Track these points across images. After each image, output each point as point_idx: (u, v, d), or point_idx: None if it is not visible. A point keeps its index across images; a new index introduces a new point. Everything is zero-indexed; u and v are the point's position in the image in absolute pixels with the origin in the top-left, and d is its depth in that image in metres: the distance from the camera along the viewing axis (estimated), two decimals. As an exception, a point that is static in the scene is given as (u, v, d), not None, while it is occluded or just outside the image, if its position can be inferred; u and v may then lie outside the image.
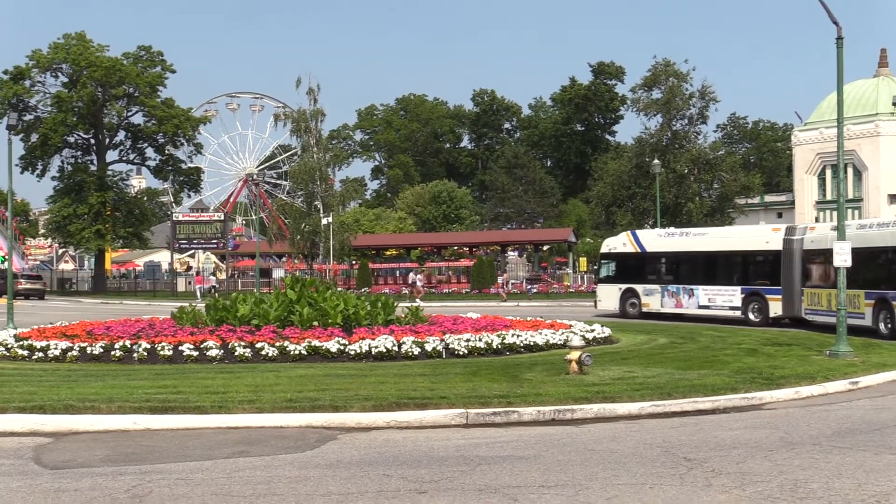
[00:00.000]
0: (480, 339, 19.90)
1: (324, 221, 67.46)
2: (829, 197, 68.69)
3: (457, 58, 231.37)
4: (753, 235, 35.09)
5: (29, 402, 13.40)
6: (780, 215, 74.83)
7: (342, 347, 18.78)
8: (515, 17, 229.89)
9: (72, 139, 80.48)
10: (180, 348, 18.79)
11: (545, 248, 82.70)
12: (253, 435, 12.09)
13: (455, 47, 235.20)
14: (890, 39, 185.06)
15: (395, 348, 18.88)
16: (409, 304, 27.46)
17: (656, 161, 55.60)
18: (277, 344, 18.84)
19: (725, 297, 33.56)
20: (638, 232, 40.65)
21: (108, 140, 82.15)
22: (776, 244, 32.74)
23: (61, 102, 75.75)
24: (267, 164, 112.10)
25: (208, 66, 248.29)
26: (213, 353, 18.53)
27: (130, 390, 14.42)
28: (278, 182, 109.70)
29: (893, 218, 32.09)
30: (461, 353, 19.24)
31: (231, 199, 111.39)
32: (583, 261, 77.75)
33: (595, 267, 51.12)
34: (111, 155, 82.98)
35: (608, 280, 38.52)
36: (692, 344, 23.01)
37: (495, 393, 14.13)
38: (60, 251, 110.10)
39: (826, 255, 27.01)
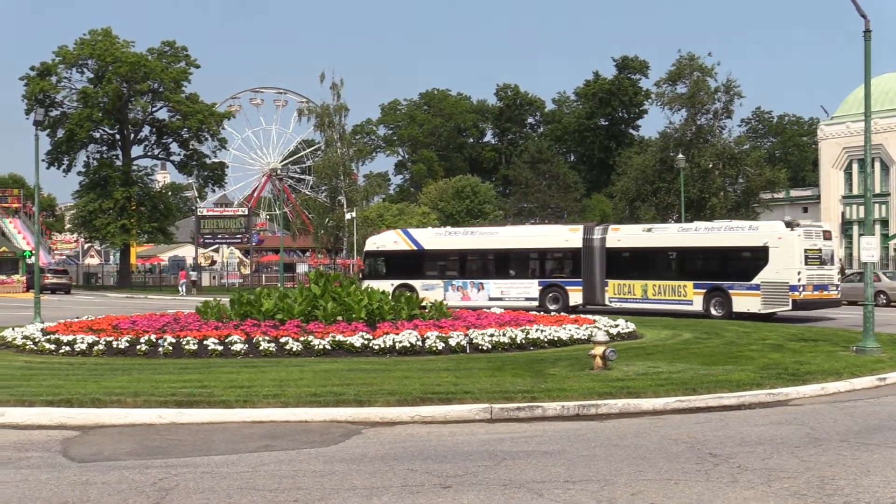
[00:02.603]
0: (504, 334, 19.87)
1: (347, 216, 67.67)
2: (855, 191, 68.31)
3: (480, 52, 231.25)
4: (552, 234, 40.36)
5: (56, 395, 13.50)
6: (805, 210, 74.43)
7: (366, 342, 18.80)
8: (539, 12, 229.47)
9: (97, 134, 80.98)
10: (205, 343, 18.85)
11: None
12: (278, 429, 12.12)
13: (478, 42, 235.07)
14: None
15: (419, 343, 18.88)
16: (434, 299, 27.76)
17: (680, 156, 55.40)
18: (302, 339, 18.86)
19: (520, 290, 37.36)
20: (411, 230, 43.59)
21: (133, 135, 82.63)
22: (576, 242, 37.92)
23: (87, 98, 76.22)
24: (291, 159, 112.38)
25: (232, 61, 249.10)
26: (237, 347, 18.58)
27: (156, 384, 14.49)
28: (302, 177, 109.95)
29: (724, 222, 38.85)
30: (485, 347, 19.22)
31: (255, 194, 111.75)
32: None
33: None
34: (136, 150, 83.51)
35: (377, 276, 39.55)
36: (717, 339, 22.91)
37: (519, 388, 14.11)
38: (86, 246, 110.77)
39: (641, 251, 36.46)
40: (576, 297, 37.37)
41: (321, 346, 18.55)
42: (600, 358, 16.08)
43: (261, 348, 18.55)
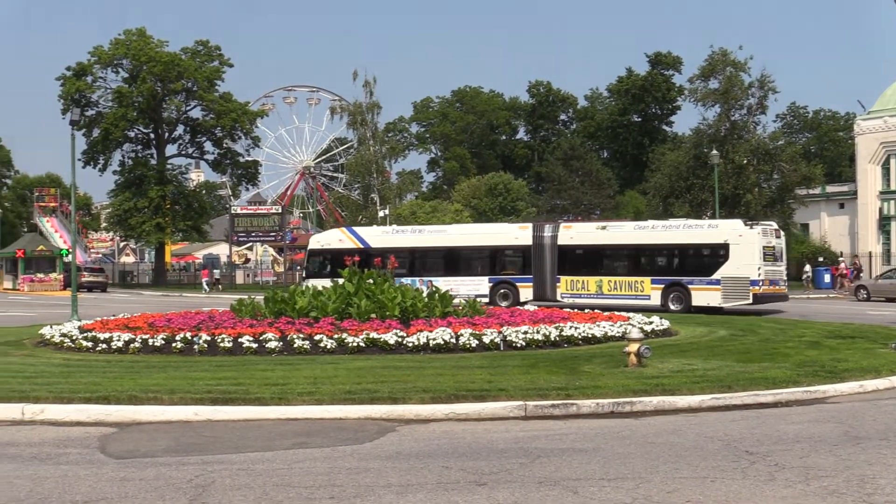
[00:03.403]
0: (538, 332, 19.83)
1: (380, 214, 67.73)
2: (893, 187, 67.52)
3: (512, 50, 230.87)
4: (501, 232, 41.40)
5: (94, 392, 13.62)
6: (841, 206, 73.65)
7: (400, 340, 18.82)
8: (571, 8, 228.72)
9: (132, 134, 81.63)
10: (240, 340, 18.94)
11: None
12: (312, 426, 12.16)
13: (510, 39, 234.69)
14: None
15: (453, 340, 18.87)
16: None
17: (714, 152, 55.05)
18: (336, 336, 18.91)
19: (470, 287, 37.14)
20: (356, 228, 43.97)
21: (167, 134, 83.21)
22: (525, 240, 38.76)
23: (122, 97, 76.85)
24: (323, 157, 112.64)
25: (265, 59, 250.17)
26: (272, 345, 18.65)
27: (192, 382, 14.58)
28: (335, 175, 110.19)
29: (682, 220, 41.10)
30: (519, 345, 19.19)
31: (288, 192, 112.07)
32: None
33: None
34: (170, 149, 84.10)
35: (322, 275, 39.14)
36: (752, 336, 22.75)
37: (554, 385, 14.06)
38: (122, 244, 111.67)
39: (595, 248, 37.86)
40: (526, 293, 38.16)
41: (355, 344, 18.59)
42: (635, 355, 16.01)
43: (295, 346, 18.61)
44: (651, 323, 23.11)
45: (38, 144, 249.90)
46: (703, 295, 34.81)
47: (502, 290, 38.26)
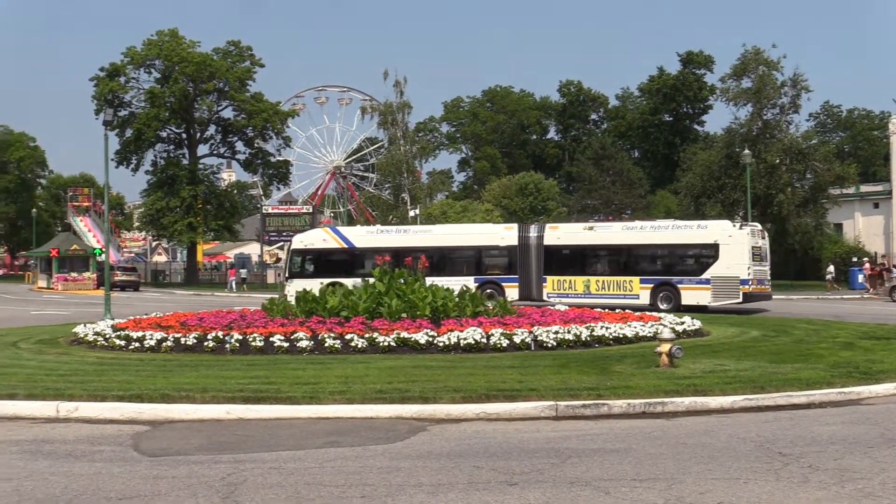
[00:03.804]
0: (569, 332, 19.78)
1: (411, 213, 67.80)
2: (929, 186, 66.88)
3: (543, 49, 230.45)
4: (487, 232, 41.52)
5: (127, 390, 13.72)
6: (876, 206, 73.05)
7: (431, 339, 18.83)
8: (602, 8, 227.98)
9: (164, 134, 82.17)
10: (271, 339, 19.02)
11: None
12: (343, 425, 12.18)
13: (541, 38, 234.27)
14: None
15: (484, 340, 18.86)
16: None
17: (746, 151, 54.72)
18: (367, 335, 18.95)
19: (456, 287, 36.15)
20: (340, 228, 43.78)
21: (199, 134, 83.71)
22: (511, 240, 38.99)
23: (154, 98, 77.36)
24: (354, 156, 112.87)
25: (296, 59, 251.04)
26: (303, 344, 18.72)
27: (224, 380, 14.65)
28: (365, 174, 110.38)
29: (670, 221, 41.85)
30: (550, 345, 19.15)
31: (319, 192, 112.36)
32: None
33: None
34: (202, 149, 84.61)
35: (305, 275, 39.11)
36: (785, 337, 22.58)
37: (585, 385, 14.01)
38: (154, 244, 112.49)
39: (583, 249, 38.37)
40: (512, 293, 38.02)
41: (386, 343, 18.62)
42: (666, 355, 15.93)
43: (326, 345, 18.66)
44: (682, 323, 22.98)
45: (72, 145, 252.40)
46: (693, 294, 35.65)
47: (488, 290, 38.00)
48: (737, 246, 35.51)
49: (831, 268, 58.34)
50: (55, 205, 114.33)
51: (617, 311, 27.10)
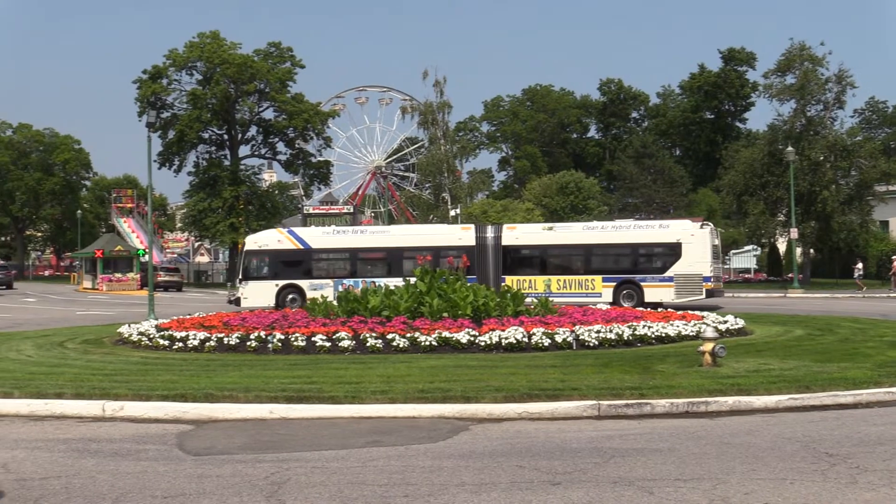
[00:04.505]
0: (611, 331, 19.71)
1: (452, 213, 67.83)
2: (976, 183, 65.84)
3: (583, 47, 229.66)
4: (444, 233, 41.38)
5: (171, 390, 13.84)
6: (921, 203, 71.99)
7: (472, 338, 18.83)
8: (642, 5, 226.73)
9: (206, 135, 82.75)
10: (313, 339, 19.12)
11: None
12: (386, 425, 12.21)
13: (581, 36, 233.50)
14: None
15: (525, 339, 18.84)
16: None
17: (790, 148, 54.20)
18: (408, 335, 18.99)
19: None
20: (295, 229, 42.92)
21: (240, 135, 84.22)
22: (469, 240, 38.92)
23: (196, 99, 77.94)
24: (395, 156, 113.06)
25: (336, 60, 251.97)
26: (345, 343, 18.80)
27: (266, 380, 14.74)
28: (406, 174, 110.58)
29: (631, 221, 43.62)
30: (591, 344, 19.10)
31: (360, 192, 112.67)
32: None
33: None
34: (243, 150, 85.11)
35: (260, 277, 38.54)
36: (830, 336, 22.31)
37: (627, 385, 13.95)
38: (196, 244, 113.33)
39: (543, 249, 38.80)
40: None
41: (427, 343, 18.65)
42: (709, 354, 15.82)
43: (368, 345, 18.73)
44: (725, 322, 22.82)
45: (116, 147, 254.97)
46: (656, 291, 36.67)
47: None
48: (699, 244, 36.90)
49: (860, 265, 56.51)
50: (99, 206, 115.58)
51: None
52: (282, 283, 38.17)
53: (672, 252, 37.23)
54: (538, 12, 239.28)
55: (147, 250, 43.95)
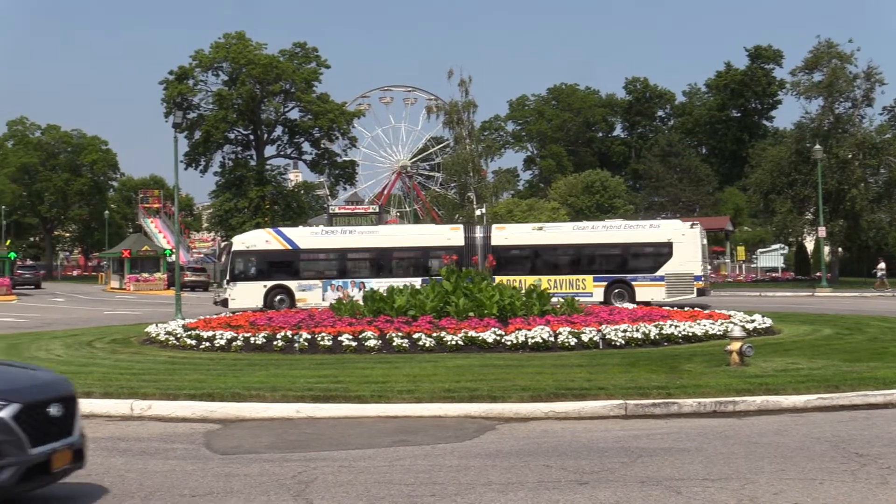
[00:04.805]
0: (637, 330, 19.63)
1: (477, 212, 67.74)
2: None
3: (609, 46, 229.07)
4: (433, 233, 41.47)
5: (199, 389, 13.89)
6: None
7: (498, 338, 18.80)
8: (668, 3, 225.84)
9: (232, 135, 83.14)
10: (339, 338, 19.13)
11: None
12: (412, 424, 12.21)
13: (607, 35, 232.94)
14: None
15: (552, 339, 18.79)
16: None
17: (818, 146, 53.83)
18: (434, 334, 18.97)
19: None
20: (284, 229, 42.37)
21: (266, 135, 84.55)
22: (458, 241, 38.48)
23: (222, 100, 78.32)
24: (420, 156, 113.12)
25: (361, 60, 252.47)
26: (371, 343, 18.80)
27: (293, 379, 14.77)
28: (431, 174, 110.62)
29: (621, 221, 43.96)
30: (618, 343, 19.03)
31: (385, 192, 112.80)
32: (740, 249, 75.95)
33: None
34: (269, 150, 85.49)
35: (247, 278, 38.02)
36: (860, 335, 22.12)
37: (654, 384, 13.89)
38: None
39: (533, 249, 38.75)
40: None
41: (453, 342, 18.63)
42: (737, 354, 15.73)
43: (394, 344, 18.73)
44: (753, 321, 22.67)
45: (143, 147, 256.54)
46: (647, 291, 36.98)
47: None
48: (690, 244, 37.54)
49: (882, 264, 55.65)
50: (126, 206, 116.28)
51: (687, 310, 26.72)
52: (270, 283, 37.73)
53: (663, 252, 37.74)
54: (564, 11, 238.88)
55: (174, 250, 44.14)
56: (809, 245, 70.20)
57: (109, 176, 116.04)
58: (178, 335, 21.13)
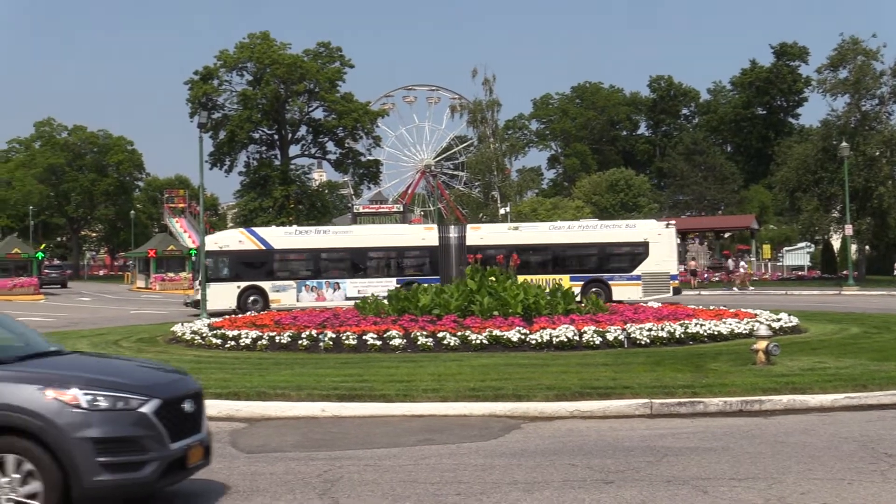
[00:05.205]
0: (662, 329, 19.56)
1: (501, 211, 67.69)
2: None
3: (632, 44, 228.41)
4: (408, 233, 41.38)
5: (224, 388, 13.94)
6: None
7: (523, 337, 18.76)
8: (692, 0, 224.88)
9: (257, 135, 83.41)
10: (364, 337, 19.15)
11: (726, 235, 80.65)
12: (437, 423, 12.22)
13: (630, 33, 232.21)
14: None
15: (576, 338, 18.74)
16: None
17: (844, 144, 53.39)
18: (459, 333, 18.96)
19: (378, 289, 35.26)
20: (257, 229, 42.16)
21: (290, 135, 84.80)
22: (432, 241, 38.66)
23: (247, 100, 78.60)
24: (444, 155, 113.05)
25: (385, 59, 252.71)
26: (395, 342, 18.82)
27: (318, 378, 14.80)
28: (455, 173, 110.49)
29: (596, 221, 45.17)
30: (643, 342, 18.95)
31: (409, 191, 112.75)
32: (766, 248, 75.53)
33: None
34: (293, 149, 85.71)
35: (220, 279, 37.30)
36: (888, 334, 21.92)
37: (679, 383, 13.84)
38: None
39: (509, 249, 34.93)
40: None
41: (478, 341, 18.61)
42: (763, 353, 15.63)
43: (418, 343, 18.73)
44: (779, 320, 22.53)
45: (168, 147, 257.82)
46: (624, 290, 37.19)
47: None
48: (666, 243, 38.26)
49: None
50: (152, 206, 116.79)
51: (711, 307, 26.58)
52: (244, 284, 37.19)
53: (639, 251, 38.14)
54: (587, 10, 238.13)
55: (199, 250, 44.27)
56: (836, 243, 69.60)
57: (135, 176, 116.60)
58: (204, 334, 21.22)
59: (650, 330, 19.39)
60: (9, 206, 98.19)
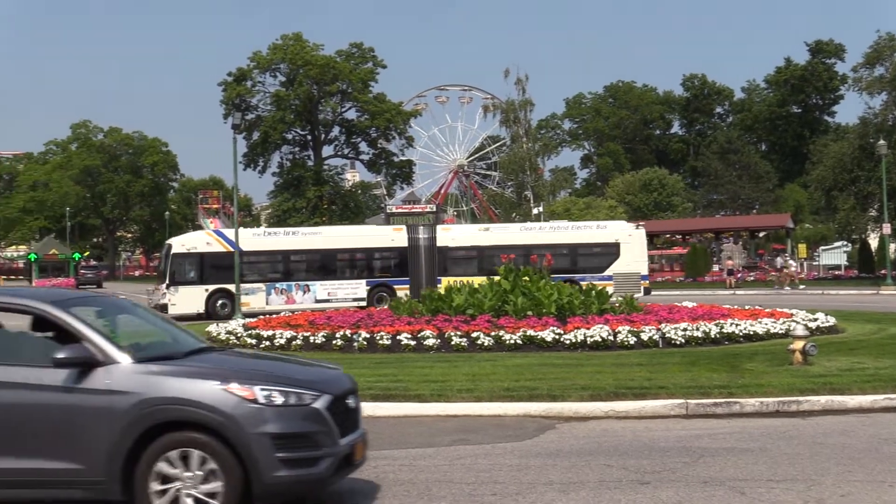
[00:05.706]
0: (698, 328, 19.44)
1: (534, 211, 67.68)
2: None
3: (666, 42, 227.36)
4: (377, 234, 41.13)
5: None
6: None
7: (557, 337, 18.71)
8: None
9: (290, 136, 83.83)
10: (398, 338, 19.16)
11: (761, 234, 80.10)
12: (471, 423, 12.22)
13: (664, 32, 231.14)
14: None
15: (611, 337, 18.66)
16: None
17: (882, 142, 52.85)
18: (493, 333, 18.93)
19: (348, 291, 36.49)
20: (225, 231, 41.76)
21: (323, 136, 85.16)
22: (402, 241, 38.67)
23: (280, 101, 79.00)
24: (476, 155, 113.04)
25: (417, 59, 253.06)
26: (429, 342, 18.82)
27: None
28: (488, 173, 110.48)
29: (567, 222, 45.72)
30: (678, 342, 18.84)
31: (442, 191, 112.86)
32: (801, 247, 74.91)
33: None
34: (326, 150, 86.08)
35: (189, 282, 36.81)
36: (926, 334, 21.69)
37: (715, 383, 13.73)
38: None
39: (479, 250, 38.53)
40: (403, 295, 36.51)
41: (512, 341, 18.57)
42: (800, 353, 15.49)
43: (452, 343, 18.72)
44: (816, 320, 22.31)
45: (202, 149, 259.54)
46: None
47: (380, 293, 37.75)
48: (637, 244, 39.20)
49: None
50: (186, 207, 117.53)
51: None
52: (212, 287, 36.67)
53: (611, 252, 38.85)
54: (619, 9, 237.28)
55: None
56: (873, 242, 68.86)
57: (170, 177, 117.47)
58: (239, 334, 21.32)
59: (685, 330, 19.27)
60: (46, 207, 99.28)
